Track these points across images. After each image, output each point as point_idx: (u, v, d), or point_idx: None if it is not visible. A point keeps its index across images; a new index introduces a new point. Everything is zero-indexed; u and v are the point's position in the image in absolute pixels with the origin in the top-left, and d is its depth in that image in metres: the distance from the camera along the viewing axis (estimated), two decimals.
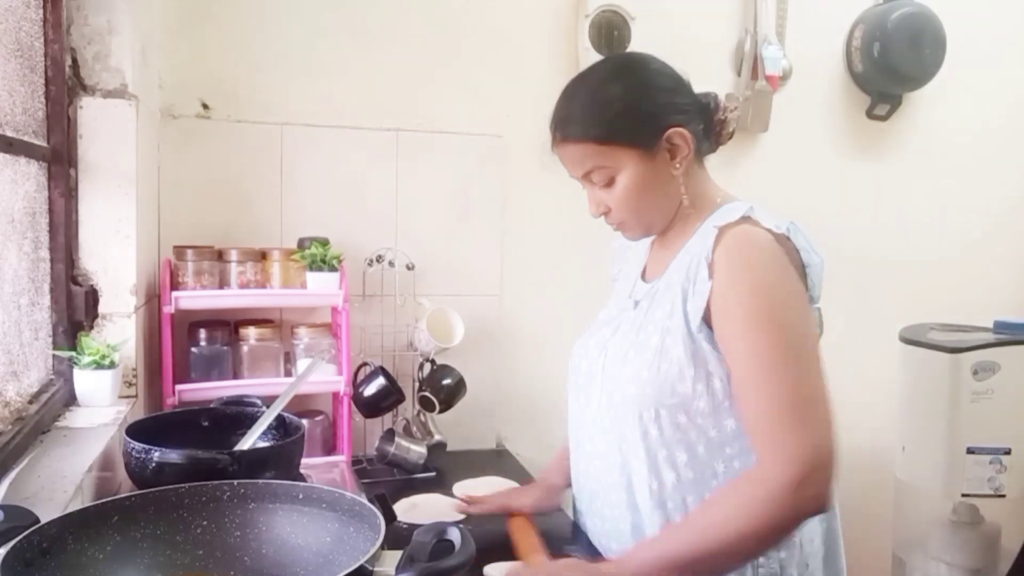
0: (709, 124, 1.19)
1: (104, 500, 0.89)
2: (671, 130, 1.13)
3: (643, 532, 1.15)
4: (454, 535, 0.84)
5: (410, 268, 1.98)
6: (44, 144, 1.41)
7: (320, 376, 1.78)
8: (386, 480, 1.79)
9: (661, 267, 1.20)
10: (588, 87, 1.17)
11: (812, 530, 1.14)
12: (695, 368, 1.09)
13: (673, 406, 1.10)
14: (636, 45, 2.08)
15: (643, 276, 1.26)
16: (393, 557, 0.79)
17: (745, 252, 1.06)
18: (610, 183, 1.15)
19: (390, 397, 1.83)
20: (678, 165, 1.14)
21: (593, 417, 1.22)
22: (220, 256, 1.77)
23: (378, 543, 0.79)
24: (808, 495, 0.98)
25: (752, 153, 2.30)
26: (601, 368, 1.20)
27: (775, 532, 1.00)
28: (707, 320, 1.08)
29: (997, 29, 2.51)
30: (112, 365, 1.45)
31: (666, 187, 1.15)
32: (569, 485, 1.36)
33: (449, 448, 1.93)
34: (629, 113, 1.13)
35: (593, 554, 1.24)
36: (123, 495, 0.92)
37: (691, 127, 1.15)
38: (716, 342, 1.08)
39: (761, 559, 1.09)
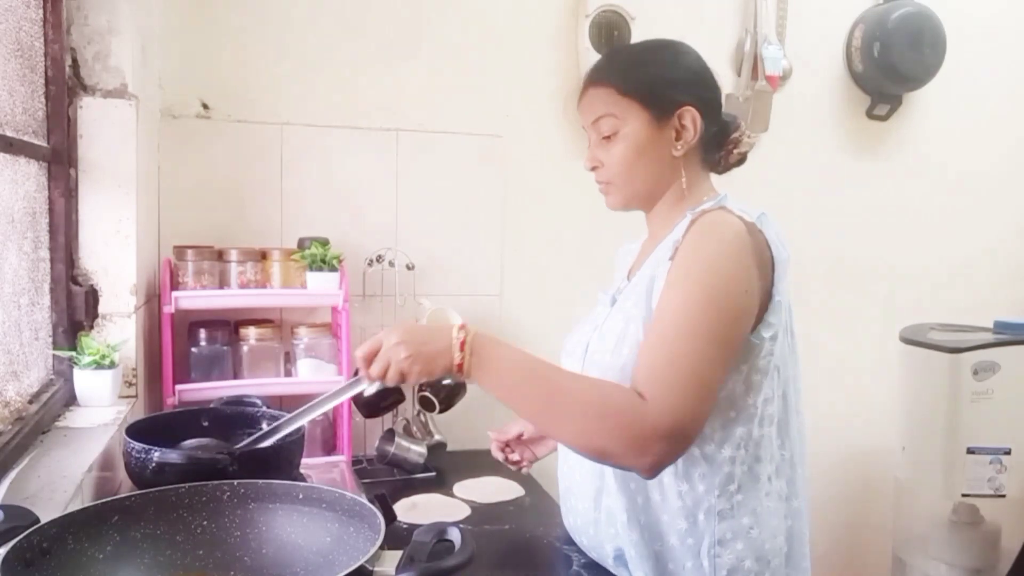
0: (723, 136, 1.23)
1: (104, 500, 0.89)
2: (684, 108, 1.16)
3: (613, 518, 1.17)
4: (454, 535, 0.84)
5: (410, 268, 1.98)
6: (44, 144, 1.41)
7: (320, 376, 1.79)
8: (386, 480, 1.79)
9: (642, 263, 1.23)
10: (631, 48, 1.30)
11: (775, 527, 1.14)
12: None
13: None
14: None
15: (629, 275, 1.29)
16: (393, 557, 0.79)
17: (709, 230, 1.08)
18: (613, 137, 1.18)
19: (390, 397, 1.81)
20: (679, 147, 1.17)
21: None
22: (220, 256, 1.76)
23: (378, 543, 0.79)
24: (652, 453, 1.00)
25: (752, 153, 2.29)
26: (581, 367, 1.22)
27: (600, 445, 1.02)
28: None
29: (997, 29, 2.52)
30: (112, 365, 1.45)
31: (660, 162, 1.18)
32: None
33: (449, 448, 1.93)
34: (656, 77, 1.18)
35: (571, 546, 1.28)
36: (123, 495, 0.92)
37: (705, 120, 1.17)
38: None
39: (718, 549, 1.10)
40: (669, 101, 1.16)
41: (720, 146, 1.24)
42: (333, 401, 1.17)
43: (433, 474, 1.82)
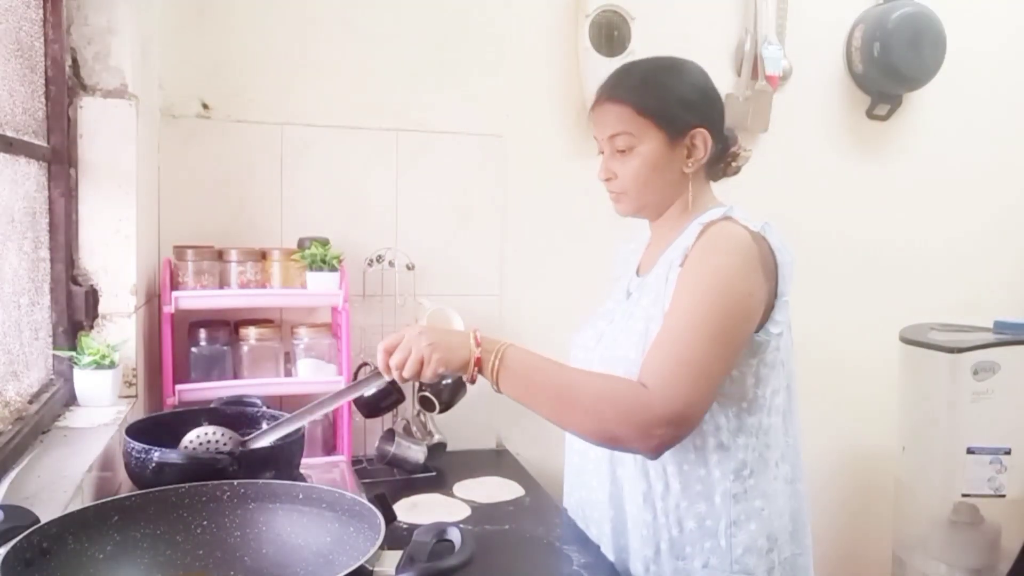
0: (724, 151, 1.31)
1: (104, 500, 0.89)
2: (697, 130, 1.24)
3: (621, 500, 1.27)
4: (454, 535, 0.84)
5: (410, 268, 1.98)
6: (44, 144, 1.41)
7: (320, 376, 1.79)
8: (386, 480, 1.79)
9: (652, 262, 1.31)
10: (645, 67, 1.30)
11: (782, 508, 1.24)
12: None
13: None
14: (636, 45, 2.08)
15: (637, 272, 1.36)
16: (393, 557, 0.79)
17: (718, 240, 1.17)
18: (628, 152, 1.25)
19: (390, 397, 1.82)
20: (690, 165, 1.25)
21: None
22: (220, 256, 1.76)
23: (378, 543, 0.79)
24: (656, 436, 1.09)
25: (752, 153, 2.30)
26: (598, 357, 1.28)
27: (610, 432, 1.11)
28: None
29: (997, 29, 2.52)
30: (112, 365, 1.45)
31: (671, 178, 1.26)
32: None
33: (449, 448, 1.93)
34: (672, 100, 1.24)
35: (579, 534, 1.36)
36: (123, 495, 0.92)
37: (713, 138, 1.26)
38: None
39: (734, 529, 1.19)
40: (683, 123, 1.24)
41: (722, 159, 1.32)
42: (347, 396, 1.25)
43: (433, 474, 1.82)
